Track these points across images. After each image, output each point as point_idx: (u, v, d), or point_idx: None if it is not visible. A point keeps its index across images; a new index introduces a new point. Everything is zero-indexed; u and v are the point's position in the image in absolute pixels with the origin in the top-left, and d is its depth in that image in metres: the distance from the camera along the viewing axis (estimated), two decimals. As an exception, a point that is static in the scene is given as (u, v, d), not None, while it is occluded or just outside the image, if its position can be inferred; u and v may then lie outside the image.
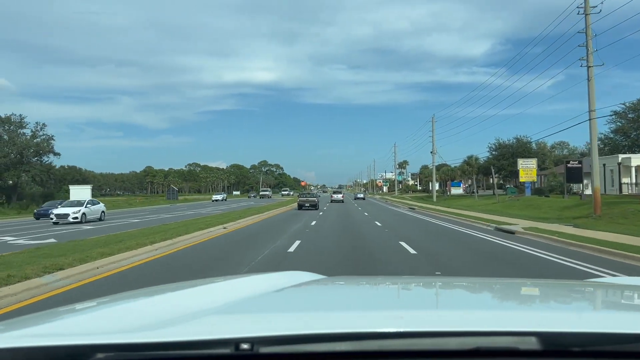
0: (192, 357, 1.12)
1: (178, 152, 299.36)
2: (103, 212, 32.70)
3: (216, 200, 79.10)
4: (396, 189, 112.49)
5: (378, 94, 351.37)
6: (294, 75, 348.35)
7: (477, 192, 63.83)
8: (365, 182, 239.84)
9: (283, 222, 26.64)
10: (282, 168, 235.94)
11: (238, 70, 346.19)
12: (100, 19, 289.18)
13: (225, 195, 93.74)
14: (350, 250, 14.30)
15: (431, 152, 66.75)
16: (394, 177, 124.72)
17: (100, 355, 1.09)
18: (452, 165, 76.36)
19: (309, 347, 1.12)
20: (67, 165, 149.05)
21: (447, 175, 75.15)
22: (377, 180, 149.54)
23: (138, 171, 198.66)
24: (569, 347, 1.16)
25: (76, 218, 28.85)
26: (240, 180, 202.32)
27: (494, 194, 65.24)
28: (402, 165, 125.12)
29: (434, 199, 65.38)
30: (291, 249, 14.21)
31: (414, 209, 44.38)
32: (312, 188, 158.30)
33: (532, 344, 1.14)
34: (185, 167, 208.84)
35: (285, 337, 1.14)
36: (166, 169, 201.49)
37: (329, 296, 2.07)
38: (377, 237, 18.36)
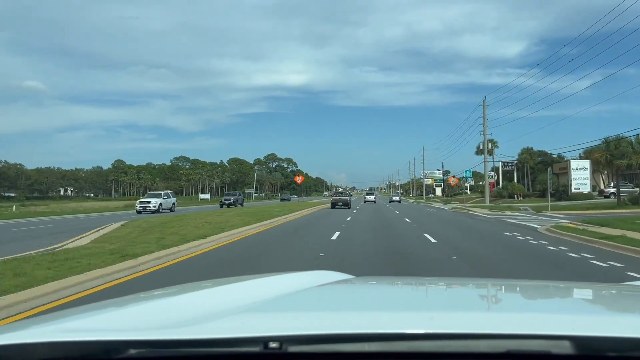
0: (222, 354, 1.13)
1: (209, 154, 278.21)
2: None
3: None
4: (487, 189, 59.14)
5: (410, 96, 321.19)
6: (325, 77, 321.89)
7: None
8: (400, 183, 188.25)
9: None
10: (295, 164, 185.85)
11: (270, 74, 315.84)
12: (138, 23, 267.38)
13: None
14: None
15: None
16: (480, 168, 72.82)
17: (132, 351, 1.12)
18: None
19: (337, 347, 1.12)
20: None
21: None
22: (450, 177, 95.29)
23: (105, 167, 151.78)
24: (605, 352, 1.10)
25: None
26: (239, 178, 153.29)
27: None
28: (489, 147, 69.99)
29: None
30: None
31: None
32: (340, 190, 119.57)
33: (566, 348, 1.08)
34: (171, 161, 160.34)
35: (314, 337, 1.15)
36: (144, 164, 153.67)
37: (358, 296, 2.07)
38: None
